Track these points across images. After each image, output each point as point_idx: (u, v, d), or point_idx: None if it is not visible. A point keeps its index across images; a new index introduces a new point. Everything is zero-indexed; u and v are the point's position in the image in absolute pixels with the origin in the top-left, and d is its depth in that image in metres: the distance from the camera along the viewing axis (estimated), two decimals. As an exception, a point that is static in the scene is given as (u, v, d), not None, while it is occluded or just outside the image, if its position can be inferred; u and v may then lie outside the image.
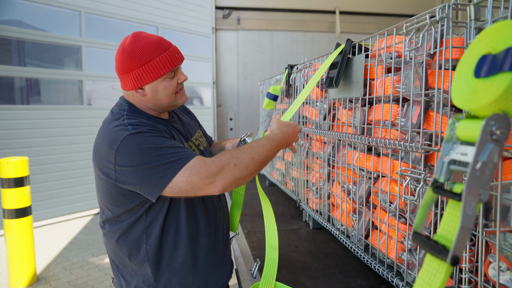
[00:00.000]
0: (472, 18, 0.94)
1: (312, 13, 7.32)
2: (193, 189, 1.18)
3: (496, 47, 0.61)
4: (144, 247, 1.32)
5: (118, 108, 1.37)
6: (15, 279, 3.43)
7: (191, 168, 1.16)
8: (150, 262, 1.32)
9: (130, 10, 5.95)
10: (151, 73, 1.29)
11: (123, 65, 1.30)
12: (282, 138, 1.41)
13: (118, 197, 1.28)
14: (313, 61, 2.01)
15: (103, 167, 1.25)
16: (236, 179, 1.21)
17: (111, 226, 1.36)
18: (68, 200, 5.44)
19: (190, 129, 1.55)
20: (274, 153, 1.35)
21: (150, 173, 1.17)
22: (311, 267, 1.60)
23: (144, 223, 1.31)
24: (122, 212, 1.31)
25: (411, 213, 1.20)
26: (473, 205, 0.58)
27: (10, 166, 3.34)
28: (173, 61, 1.32)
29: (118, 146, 1.19)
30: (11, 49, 4.92)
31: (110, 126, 1.27)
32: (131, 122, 1.26)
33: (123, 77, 1.32)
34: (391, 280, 1.26)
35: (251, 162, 1.24)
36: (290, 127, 1.47)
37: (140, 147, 1.18)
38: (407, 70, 1.20)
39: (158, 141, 1.20)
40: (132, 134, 1.20)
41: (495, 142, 0.58)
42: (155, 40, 1.30)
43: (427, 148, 1.07)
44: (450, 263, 0.57)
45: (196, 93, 7.07)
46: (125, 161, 1.19)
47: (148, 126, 1.26)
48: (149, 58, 1.28)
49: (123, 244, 1.34)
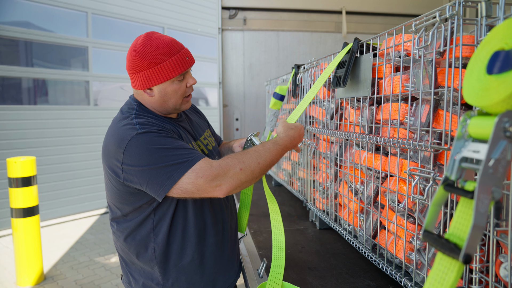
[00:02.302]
0: (483, 15, 0.93)
1: (318, 13, 7.31)
2: (199, 191, 1.19)
3: (509, 43, 0.60)
4: (152, 246, 1.32)
5: (127, 107, 1.38)
6: (23, 278, 3.45)
7: (197, 170, 1.17)
8: (157, 261, 1.32)
9: (136, 11, 5.98)
10: (160, 75, 1.29)
11: (133, 65, 1.31)
12: (288, 141, 1.40)
13: (126, 196, 1.29)
14: (320, 60, 2.01)
15: (111, 165, 1.25)
16: (242, 182, 1.21)
17: (119, 225, 1.37)
18: (75, 200, 5.47)
19: (199, 129, 1.55)
20: (280, 157, 1.35)
21: (156, 174, 1.18)
22: (318, 267, 1.59)
23: (152, 222, 1.32)
24: (130, 210, 1.32)
25: (420, 213, 1.19)
26: (486, 203, 0.57)
27: (18, 165, 3.37)
28: (183, 65, 1.32)
29: (126, 145, 1.20)
30: (19, 50, 4.96)
31: (119, 124, 1.28)
32: (139, 122, 1.26)
33: (133, 76, 1.33)
34: (399, 280, 1.25)
35: (257, 166, 1.24)
36: (296, 129, 1.46)
37: (147, 147, 1.19)
38: (416, 68, 1.19)
39: (165, 142, 1.21)
40: (140, 133, 1.21)
41: (508, 139, 0.57)
42: (167, 42, 1.31)
43: (436, 147, 1.06)
44: (462, 261, 0.56)
45: (202, 94, 7.08)
46: (132, 161, 1.19)
47: (156, 126, 1.26)
48: (159, 60, 1.28)
49: (131, 243, 1.34)
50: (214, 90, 7.12)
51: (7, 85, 4.86)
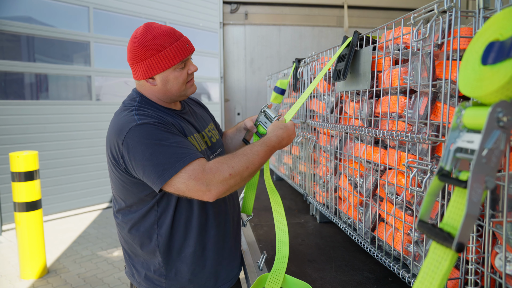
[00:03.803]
0: (481, 7, 0.93)
1: (320, 7, 7.28)
2: (190, 192, 1.19)
3: (504, 34, 0.60)
4: (156, 237, 1.34)
5: (129, 99, 1.40)
6: (26, 271, 3.49)
7: (190, 171, 1.17)
8: (161, 251, 1.34)
9: (138, 6, 5.98)
10: (162, 63, 1.30)
11: (134, 55, 1.32)
12: (276, 142, 1.39)
13: (129, 186, 1.31)
14: (321, 54, 2.01)
15: (113, 154, 1.28)
16: (231, 187, 1.22)
17: (124, 216, 1.38)
18: (77, 195, 5.50)
19: (203, 122, 1.57)
20: (268, 158, 1.35)
21: (149, 170, 1.19)
22: (317, 260, 1.60)
23: (156, 213, 1.33)
24: (134, 202, 1.34)
25: (418, 205, 1.19)
26: (479, 192, 0.57)
27: (21, 160, 3.39)
28: (183, 52, 1.33)
29: (124, 136, 1.22)
30: (21, 45, 4.98)
31: (120, 116, 1.31)
32: (138, 113, 1.28)
33: (135, 67, 1.34)
34: (398, 272, 1.26)
35: (246, 170, 1.25)
36: (285, 129, 1.44)
37: (143, 141, 1.20)
38: (414, 61, 1.19)
39: (162, 137, 1.21)
40: (138, 125, 1.22)
41: (502, 129, 0.57)
42: (166, 31, 1.32)
43: (434, 139, 1.06)
44: (455, 250, 0.57)
45: (204, 89, 7.08)
46: (130, 153, 1.21)
47: (155, 119, 1.27)
48: (160, 48, 1.29)
49: (135, 234, 1.36)
50: (216, 85, 7.12)
51: (10, 80, 4.87)
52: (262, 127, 1.67)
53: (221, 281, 1.44)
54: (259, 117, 1.67)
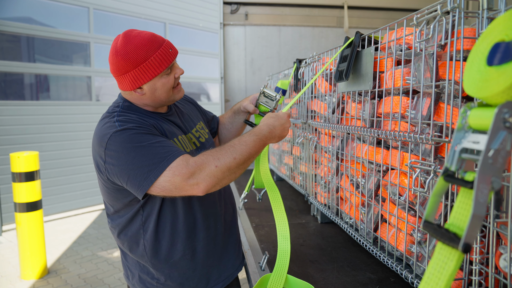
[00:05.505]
0: (484, 8, 0.93)
1: (320, 8, 7.27)
2: (177, 190, 1.17)
3: (509, 35, 0.60)
4: (142, 242, 1.33)
5: (113, 105, 1.38)
6: (27, 272, 3.48)
7: (173, 168, 1.15)
8: (148, 256, 1.34)
9: (138, 6, 5.97)
10: (148, 73, 1.27)
11: (118, 67, 1.27)
12: (267, 131, 1.33)
13: (113, 192, 1.30)
14: (322, 55, 2.01)
15: (97, 163, 1.27)
16: (219, 180, 1.18)
17: (113, 221, 1.38)
18: (77, 195, 5.49)
19: (190, 122, 1.54)
20: (259, 149, 1.30)
21: (134, 174, 1.17)
22: (319, 260, 1.60)
23: (141, 218, 1.32)
24: (121, 207, 1.33)
25: (421, 205, 1.19)
26: (485, 193, 0.57)
27: (21, 160, 3.38)
28: (168, 58, 1.30)
29: (106, 143, 1.21)
30: (21, 45, 4.97)
31: (101, 123, 1.29)
32: (119, 119, 1.26)
33: (120, 79, 1.30)
34: (400, 272, 1.26)
35: (233, 162, 1.20)
36: (276, 118, 1.38)
37: (124, 146, 1.18)
38: (417, 62, 1.19)
39: (143, 139, 1.20)
40: (119, 131, 1.21)
41: (508, 129, 0.57)
42: (147, 38, 1.27)
43: (437, 139, 1.06)
44: (461, 250, 0.57)
45: (204, 89, 7.08)
46: (112, 160, 1.20)
47: (135, 123, 1.25)
48: (143, 58, 1.25)
49: (123, 238, 1.36)
50: (216, 86, 7.10)
51: (9, 80, 4.87)
52: (263, 106, 1.69)
53: (213, 281, 1.43)
54: (259, 98, 1.68)
